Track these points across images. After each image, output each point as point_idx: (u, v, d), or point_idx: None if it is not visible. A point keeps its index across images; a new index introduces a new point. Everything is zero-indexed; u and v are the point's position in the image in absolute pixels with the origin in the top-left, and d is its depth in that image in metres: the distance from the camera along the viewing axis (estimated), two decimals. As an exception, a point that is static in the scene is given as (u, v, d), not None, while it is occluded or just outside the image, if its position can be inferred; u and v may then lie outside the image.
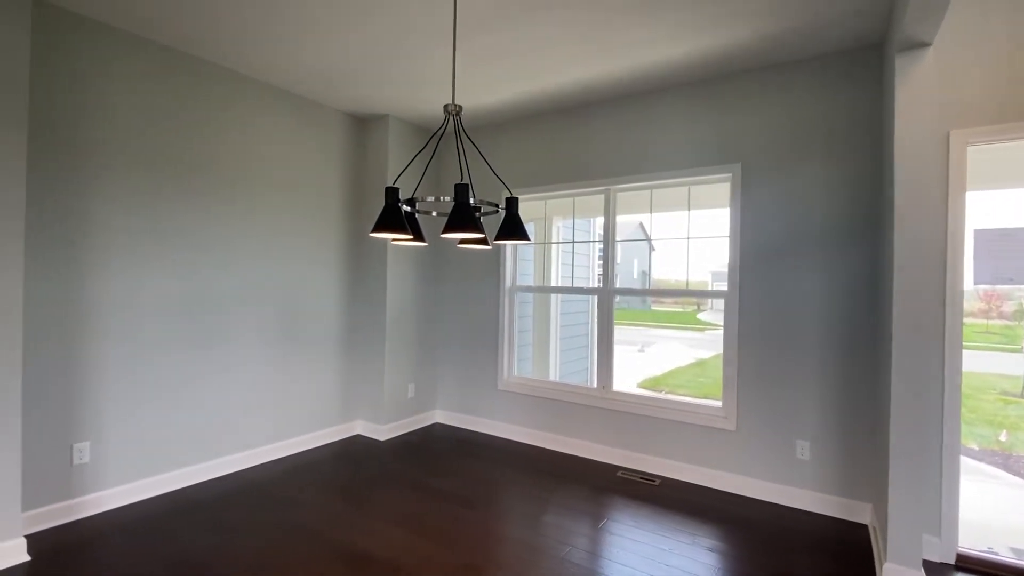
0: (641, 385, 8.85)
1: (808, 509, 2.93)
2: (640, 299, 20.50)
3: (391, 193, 1.95)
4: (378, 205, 4.10)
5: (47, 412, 2.53)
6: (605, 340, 3.76)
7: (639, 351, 13.54)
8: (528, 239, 2.09)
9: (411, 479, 3.28)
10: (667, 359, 12.03)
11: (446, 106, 2.08)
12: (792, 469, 2.98)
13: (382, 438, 4.07)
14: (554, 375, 5.43)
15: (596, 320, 3.81)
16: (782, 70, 3.03)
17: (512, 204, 2.09)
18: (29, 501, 2.47)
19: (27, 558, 2.25)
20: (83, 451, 2.64)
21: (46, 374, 2.52)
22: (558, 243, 5.09)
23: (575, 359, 6.18)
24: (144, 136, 2.87)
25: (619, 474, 3.42)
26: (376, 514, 2.78)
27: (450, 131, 4.51)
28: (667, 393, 3.40)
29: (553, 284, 4.99)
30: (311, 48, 2.95)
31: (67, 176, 2.58)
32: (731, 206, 3.21)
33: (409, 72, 3.25)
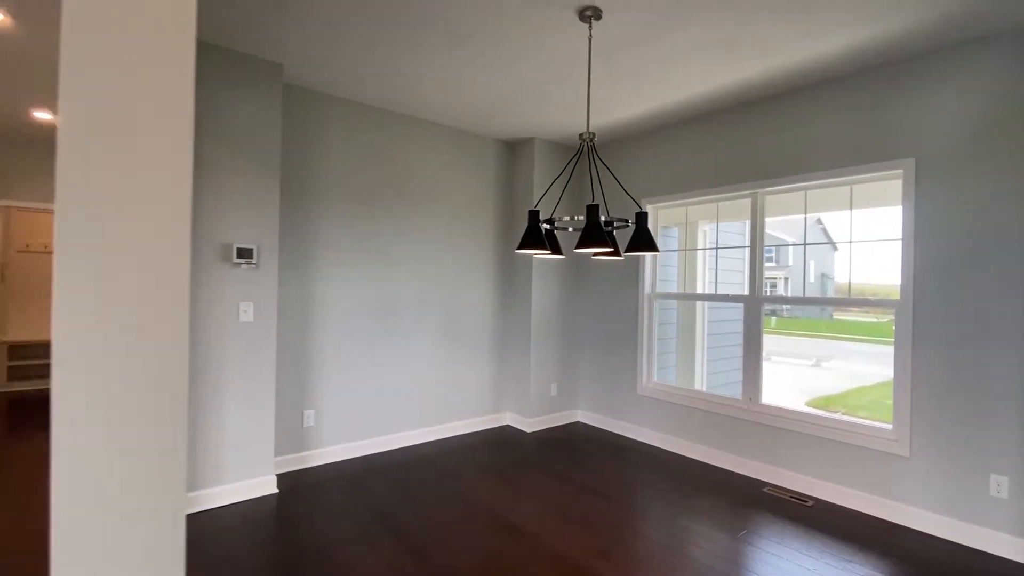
0: (811, 404, 7.94)
1: (1004, 555, 2.49)
2: (818, 307, 18.13)
3: (533, 215, 2.28)
4: (526, 219, 4.53)
5: (290, 382, 3.42)
6: (752, 351, 3.62)
7: (813, 365, 12.05)
8: (656, 250, 2.24)
9: (554, 469, 3.59)
10: (849, 376, 10.52)
11: (581, 135, 2.34)
12: (983, 506, 2.56)
13: (528, 430, 4.47)
14: (700, 384, 5.28)
15: (744, 329, 3.67)
16: (966, 49, 2.64)
17: (641, 219, 2.27)
18: (276, 450, 3.37)
19: (276, 490, 3.11)
20: (310, 416, 3.51)
21: (289, 354, 3.42)
22: (702, 249, 4.97)
23: (727, 369, 5.89)
24: (355, 175, 3.69)
25: (765, 490, 3.28)
26: (522, 494, 3.15)
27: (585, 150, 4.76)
28: (843, 414, 3.09)
29: (699, 291, 4.89)
30: (472, 91, 3.47)
31: (302, 207, 3.47)
32: (904, 206, 2.88)
33: (553, 99, 3.58)
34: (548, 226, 2.43)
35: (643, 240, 2.20)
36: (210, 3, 2.47)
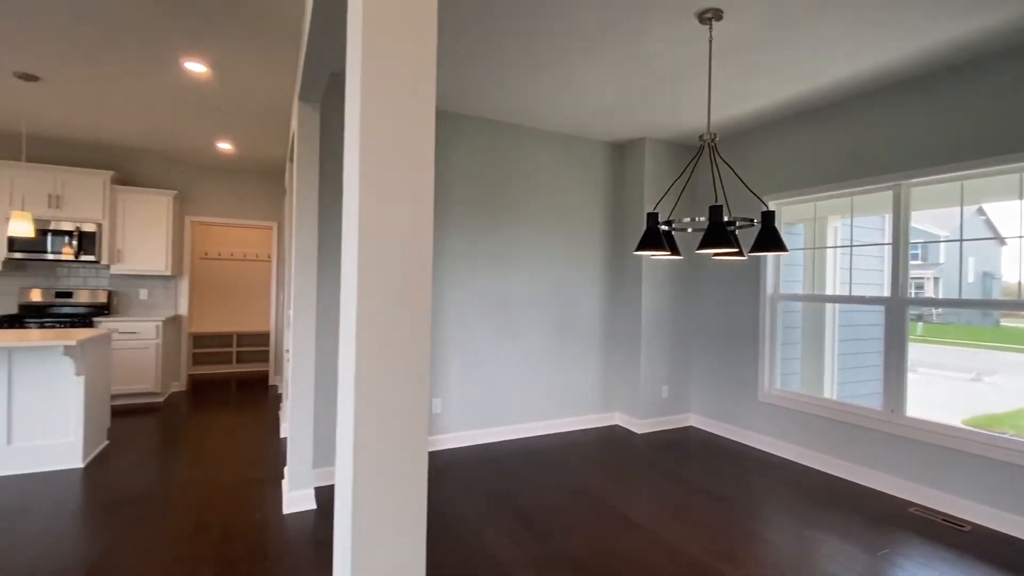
0: (970, 423, 6.90)
1: None
2: (980, 312, 15.62)
3: (652, 218, 2.34)
4: (635, 219, 4.54)
5: (418, 376, 3.81)
6: (895, 358, 3.31)
7: (972, 379, 10.39)
8: (785, 250, 2.19)
9: (667, 470, 3.58)
10: (1019, 394, 8.93)
11: (701, 136, 2.35)
12: None
13: (638, 431, 4.47)
14: (830, 392, 4.87)
15: (885, 334, 3.35)
16: None
17: (768, 218, 2.23)
18: (409, 433, 3.77)
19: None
20: (437, 404, 3.87)
21: (418, 350, 3.81)
22: (833, 247, 4.59)
23: (862, 379, 5.36)
24: (473, 185, 4.01)
25: (911, 510, 2.99)
26: (635, 491, 3.20)
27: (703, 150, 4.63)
28: (1012, 436, 2.64)
29: (829, 292, 4.53)
30: (583, 97, 3.59)
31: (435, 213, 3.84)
32: (1096, 193, 2.47)
33: (666, 99, 3.58)
34: (667, 228, 2.47)
35: (771, 240, 2.16)
36: (343, 40, 2.87)
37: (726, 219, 2.29)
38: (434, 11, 0.94)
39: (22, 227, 3.56)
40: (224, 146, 5.16)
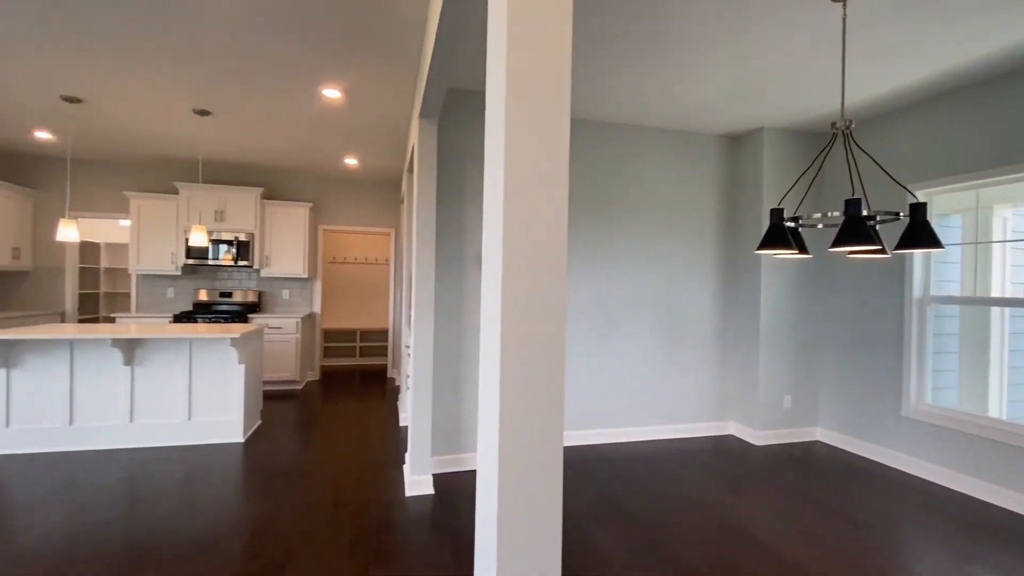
0: None
1: None
2: None
3: (776, 213, 2.20)
4: (751, 215, 4.25)
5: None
6: (1090, 372, 2.74)
7: None
8: (940, 246, 1.94)
9: (791, 487, 3.31)
10: None
11: (834, 123, 2.16)
12: None
13: (756, 443, 4.18)
14: (998, 411, 4.16)
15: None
16: None
17: (918, 210, 1.99)
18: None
19: (519, 464, 3.60)
20: (542, 403, 3.95)
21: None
22: (1002, 242, 3.92)
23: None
24: (587, 185, 4.04)
25: (1117, 560, 2.46)
26: (753, 505, 3.00)
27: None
28: None
29: (996, 294, 3.88)
30: (695, 90, 3.45)
31: (535, 221, 3.94)
32: None
33: (787, 86, 3.32)
34: (793, 224, 2.30)
35: (922, 235, 1.92)
36: (467, 58, 3.04)
37: (865, 213, 2.08)
38: (569, 23, 0.99)
39: (199, 238, 4.26)
40: (350, 161, 5.72)
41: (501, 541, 0.97)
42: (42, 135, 4.91)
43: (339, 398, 5.64)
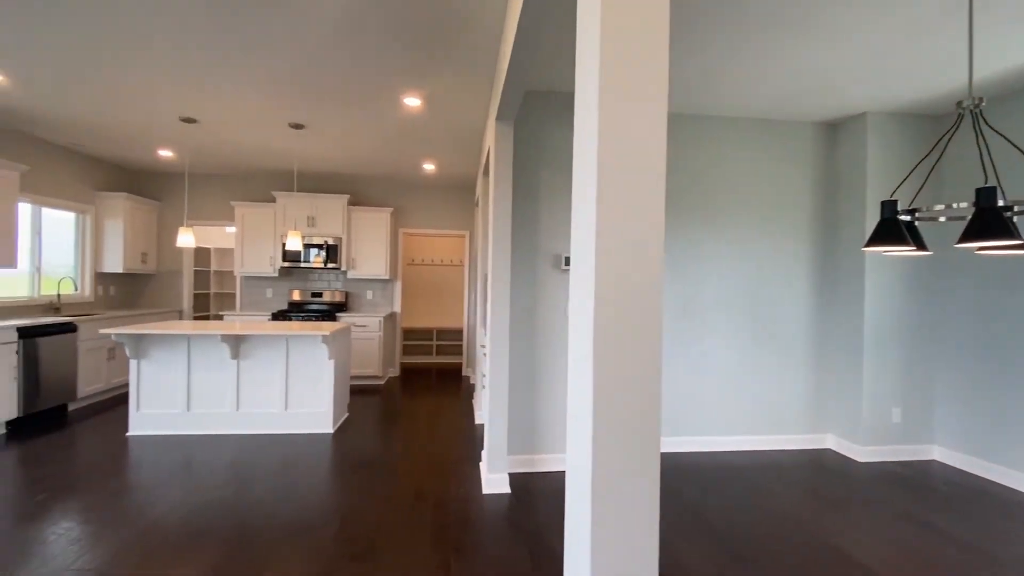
0: None
1: None
2: None
3: (888, 206, 1.98)
4: (853, 208, 3.87)
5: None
6: None
7: None
8: (1103, 240, 1.65)
9: (903, 510, 2.97)
10: None
11: (960, 103, 1.91)
12: None
13: (859, 459, 3.80)
14: None
15: None
16: None
17: (1071, 199, 1.70)
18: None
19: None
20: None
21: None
22: None
23: None
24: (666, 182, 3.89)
25: None
26: (858, 527, 2.73)
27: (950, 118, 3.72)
28: None
29: None
30: (787, 74, 3.21)
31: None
32: None
33: (896, 63, 2.99)
34: (908, 218, 2.06)
35: (1077, 227, 1.64)
36: (544, 59, 3.02)
37: (1000, 203, 1.81)
38: (666, 7, 0.95)
39: (295, 242, 4.61)
40: (428, 166, 5.93)
41: (595, 552, 0.94)
42: (165, 153, 5.55)
43: (418, 394, 5.86)
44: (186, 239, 4.36)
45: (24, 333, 4.25)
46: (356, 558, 2.36)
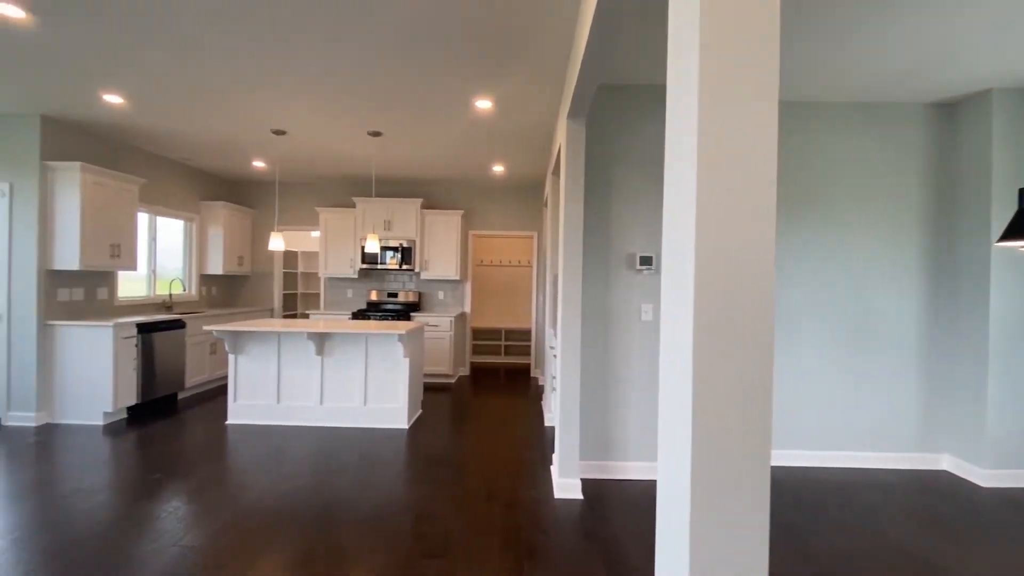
0: None
1: None
2: None
3: (1030, 195, 1.70)
4: (974, 198, 3.41)
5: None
6: None
7: None
8: None
9: (1040, 546, 2.56)
10: None
11: None
12: None
13: (982, 483, 3.34)
14: None
15: None
16: None
17: None
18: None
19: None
20: (697, 415, 3.65)
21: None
22: None
23: None
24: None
25: None
26: (984, 562, 2.38)
27: (1112, 79, 3.15)
28: None
29: None
30: (897, 51, 2.88)
31: (689, 217, 3.66)
32: None
33: (1038, 30, 2.58)
34: (1056, 208, 1.76)
35: None
36: (618, 53, 2.92)
37: None
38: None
39: (373, 245, 4.82)
40: (497, 168, 5.97)
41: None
42: (258, 163, 6.01)
43: (487, 394, 5.91)
44: (276, 243, 4.69)
45: (142, 329, 4.76)
46: (430, 554, 2.40)
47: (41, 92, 3.79)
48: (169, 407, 5.05)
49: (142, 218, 5.56)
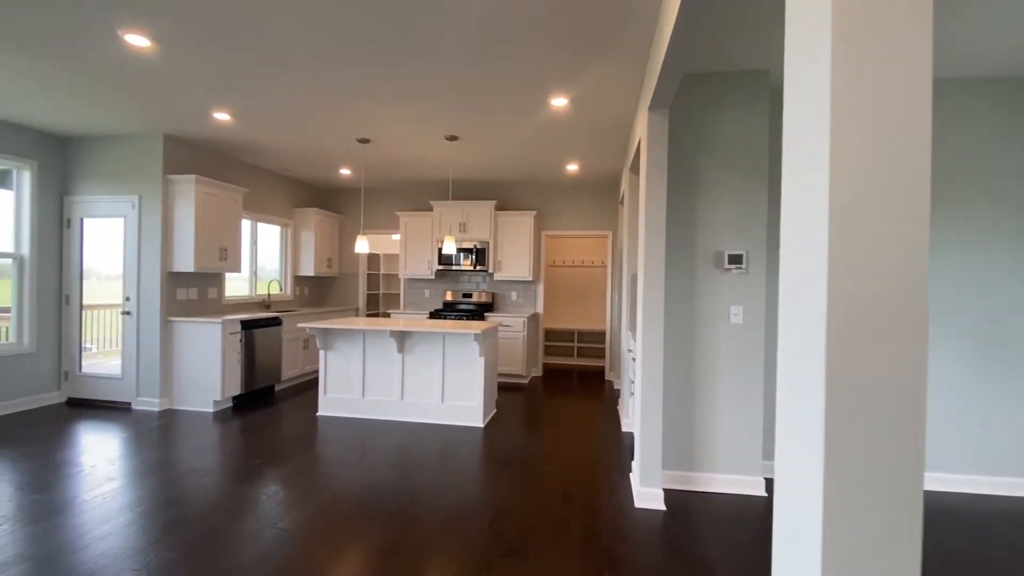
0: None
1: None
2: None
3: None
4: None
5: (772, 389, 3.38)
6: None
7: None
8: None
9: None
10: None
11: None
12: None
13: None
14: None
15: None
16: None
17: None
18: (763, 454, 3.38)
19: (765, 494, 3.12)
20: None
21: (772, 359, 3.39)
22: None
23: None
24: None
25: None
26: None
27: None
28: None
29: None
30: (1042, 16, 2.47)
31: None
32: None
33: None
34: None
35: None
36: (705, 39, 2.75)
37: None
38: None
39: (450, 247, 4.93)
40: (571, 167, 5.89)
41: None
42: (344, 171, 6.37)
43: (560, 395, 5.85)
44: (362, 245, 4.93)
45: (245, 325, 5.21)
46: (509, 555, 2.39)
47: (163, 113, 4.26)
48: (267, 398, 5.48)
49: (245, 224, 6.08)
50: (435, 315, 6.51)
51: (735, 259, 3.09)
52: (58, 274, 5.06)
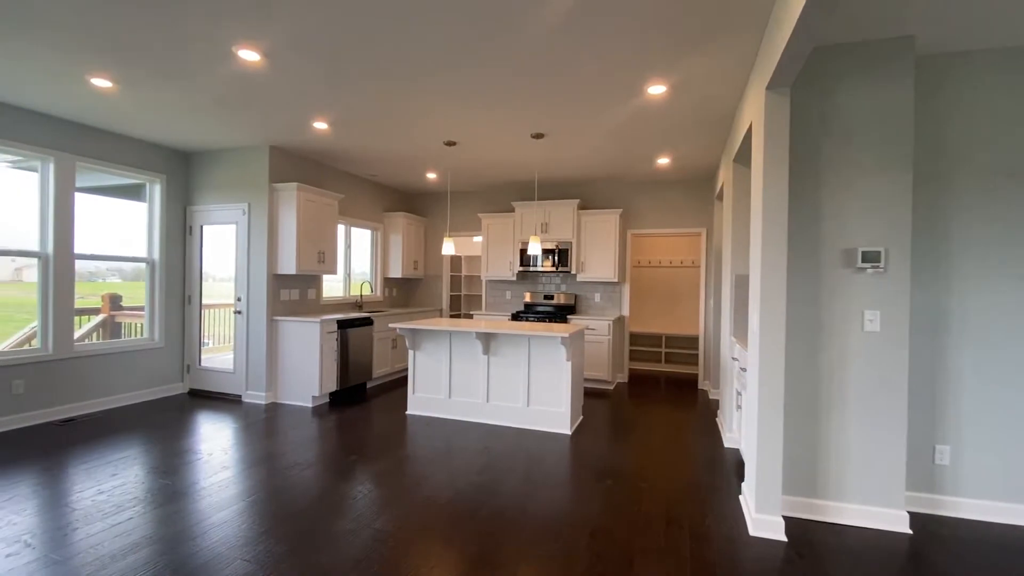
0: None
1: None
2: None
3: None
4: None
5: (918, 407, 2.90)
6: None
7: None
8: None
9: None
10: None
11: None
12: None
13: None
14: None
15: None
16: None
17: None
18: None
19: (908, 531, 2.67)
20: (943, 453, 2.86)
21: (918, 373, 2.91)
22: None
23: None
24: (1002, 143, 2.78)
25: None
26: None
27: None
28: None
29: None
30: None
31: (934, 201, 2.89)
32: None
33: None
34: None
35: None
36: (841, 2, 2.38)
37: None
38: None
39: (535, 247, 4.81)
40: (662, 161, 5.55)
41: None
42: (431, 175, 6.48)
43: (649, 403, 5.52)
44: (448, 248, 4.96)
45: (341, 325, 5.43)
46: (611, 580, 2.21)
47: (269, 125, 4.54)
48: (360, 395, 5.68)
49: (339, 228, 6.38)
50: (516, 317, 6.43)
51: (870, 257, 2.67)
52: (182, 276, 5.59)
